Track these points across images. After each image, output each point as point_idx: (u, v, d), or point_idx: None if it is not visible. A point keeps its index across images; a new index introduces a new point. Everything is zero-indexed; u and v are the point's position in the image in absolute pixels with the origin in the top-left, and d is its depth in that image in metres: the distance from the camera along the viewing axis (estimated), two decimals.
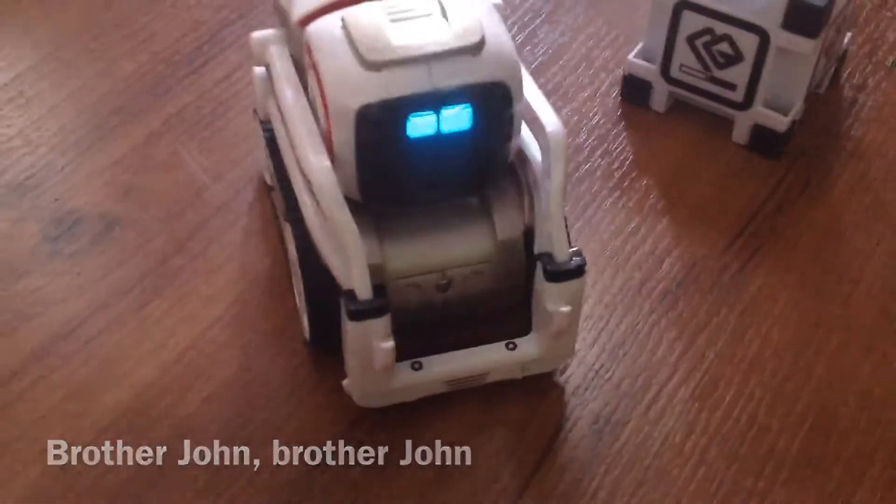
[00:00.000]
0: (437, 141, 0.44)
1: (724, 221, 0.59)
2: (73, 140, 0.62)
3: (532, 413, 0.51)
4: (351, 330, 0.45)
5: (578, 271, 0.47)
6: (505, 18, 0.53)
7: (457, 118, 0.44)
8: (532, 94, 0.48)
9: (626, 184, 0.61)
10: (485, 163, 0.47)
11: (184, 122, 0.63)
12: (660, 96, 0.64)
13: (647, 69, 0.64)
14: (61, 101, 0.64)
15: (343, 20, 0.44)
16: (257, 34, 0.52)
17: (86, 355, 0.52)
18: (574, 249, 0.47)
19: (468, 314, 0.50)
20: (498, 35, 0.45)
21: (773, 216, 0.60)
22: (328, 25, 0.45)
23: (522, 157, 0.49)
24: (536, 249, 0.48)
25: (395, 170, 0.45)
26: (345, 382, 0.48)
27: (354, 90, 0.43)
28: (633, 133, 0.64)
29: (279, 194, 0.52)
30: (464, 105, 0.43)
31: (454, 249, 0.48)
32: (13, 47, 0.67)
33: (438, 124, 0.44)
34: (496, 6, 0.49)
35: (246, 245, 0.57)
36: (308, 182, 0.46)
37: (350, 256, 0.44)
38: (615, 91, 0.66)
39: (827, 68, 0.64)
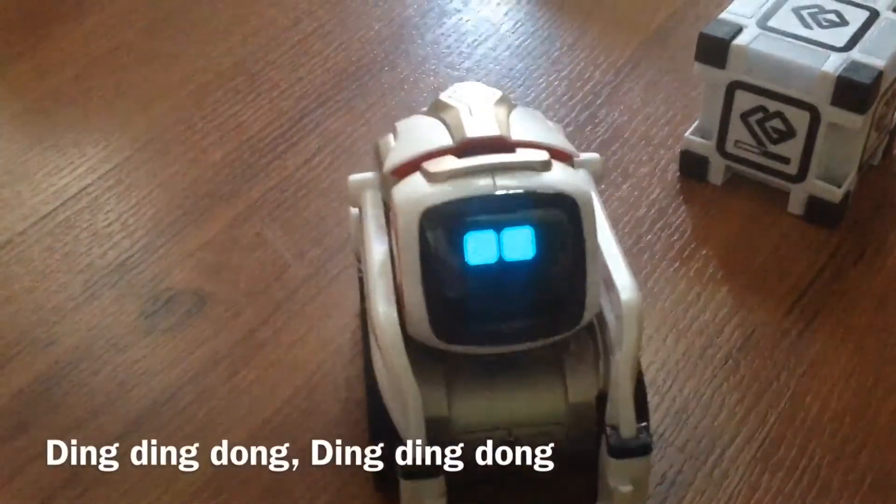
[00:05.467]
0: (501, 262, 0.43)
1: (783, 289, 0.62)
2: (167, 223, 0.66)
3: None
4: (404, 486, 0.45)
5: (644, 449, 0.45)
6: (568, 100, 0.56)
7: (519, 237, 0.42)
8: (610, 250, 0.46)
9: (685, 254, 0.64)
10: (552, 300, 0.44)
11: (268, 204, 0.67)
12: (716, 171, 0.67)
13: (704, 145, 0.67)
14: (156, 188, 0.69)
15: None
16: (354, 177, 0.51)
17: (180, 423, 0.55)
18: (642, 425, 0.45)
19: (535, 475, 0.47)
20: (566, 167, 0.44)
21: (831, 283, 0.62)
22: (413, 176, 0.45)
23: (602, 319, 0.47)
24: (607, 419, 0.46)
25: (460, 291, 0.44)
26: None
27: (420, 199, 0.43)
28: (691, 206, 0.67)
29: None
30: (526, 216, 0.42)
31: (523, 407, 0.46)
32: (111, 140, 0.72)
33: (501, 239, 0.42)
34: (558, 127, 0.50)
35: (326, 318, 0.61)
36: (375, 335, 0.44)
37: (408, 412, 0.43)
38: (673, 166, 0.69)
39: (879, 140, 0.66)
